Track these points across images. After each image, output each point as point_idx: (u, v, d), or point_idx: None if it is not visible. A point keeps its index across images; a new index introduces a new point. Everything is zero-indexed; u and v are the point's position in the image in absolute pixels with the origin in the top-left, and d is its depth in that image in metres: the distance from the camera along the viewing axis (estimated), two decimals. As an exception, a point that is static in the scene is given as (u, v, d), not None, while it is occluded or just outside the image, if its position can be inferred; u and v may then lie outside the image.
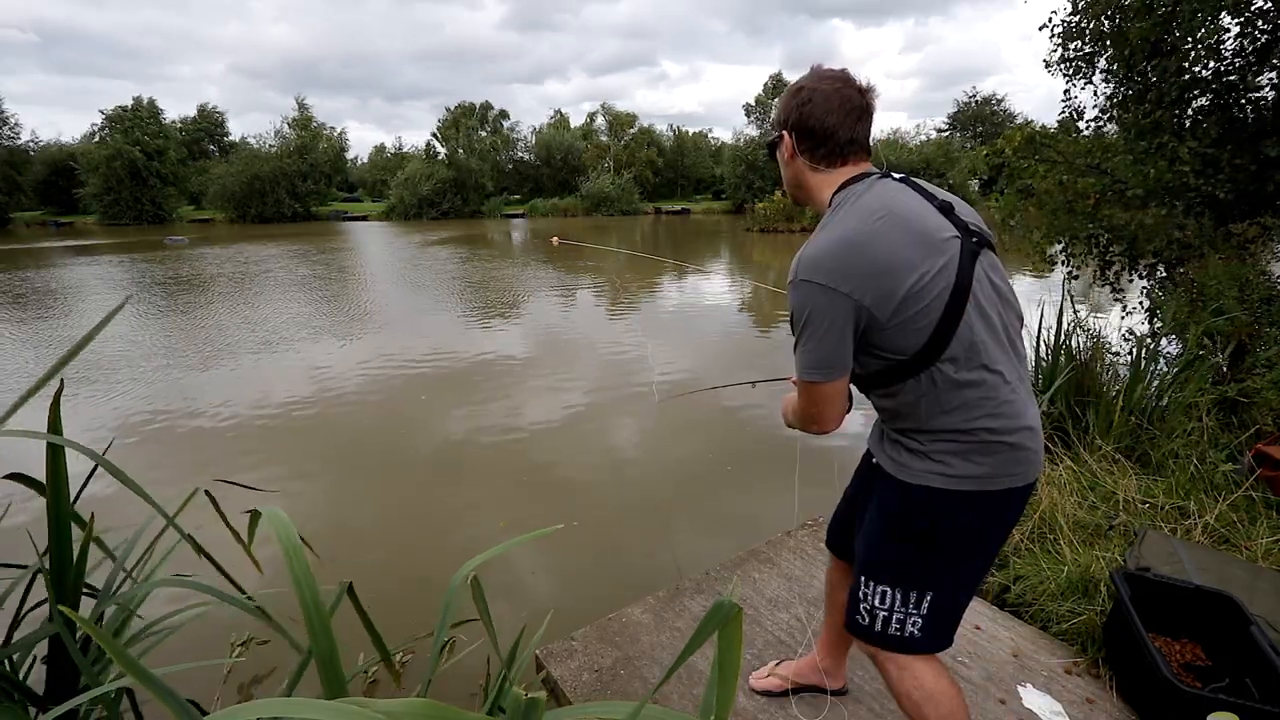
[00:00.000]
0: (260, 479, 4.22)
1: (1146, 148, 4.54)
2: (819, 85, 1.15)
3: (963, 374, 1.10)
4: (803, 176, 1.22)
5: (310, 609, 0.83)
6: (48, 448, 1.08)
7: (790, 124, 1.19)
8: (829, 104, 1.14)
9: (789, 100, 1.19)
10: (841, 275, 1.05)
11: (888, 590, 1.23)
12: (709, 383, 6.22)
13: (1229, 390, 3.29)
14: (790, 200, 1.36)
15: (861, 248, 1.06)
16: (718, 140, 54.53)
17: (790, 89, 1.20)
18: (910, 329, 1.07)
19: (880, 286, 1.05)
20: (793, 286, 1.10)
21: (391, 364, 7.06)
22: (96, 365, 7.07)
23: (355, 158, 61.95)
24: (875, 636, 1.27)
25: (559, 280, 13.86)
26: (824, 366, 1.10)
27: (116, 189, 39.06)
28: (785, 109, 1.19)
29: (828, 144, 1.16)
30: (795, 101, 1.17)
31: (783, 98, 1.21)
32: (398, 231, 31.19)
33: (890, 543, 1.23)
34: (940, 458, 1.14)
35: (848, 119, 1.15)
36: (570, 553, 3.37)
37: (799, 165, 1.21)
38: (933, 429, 1.14)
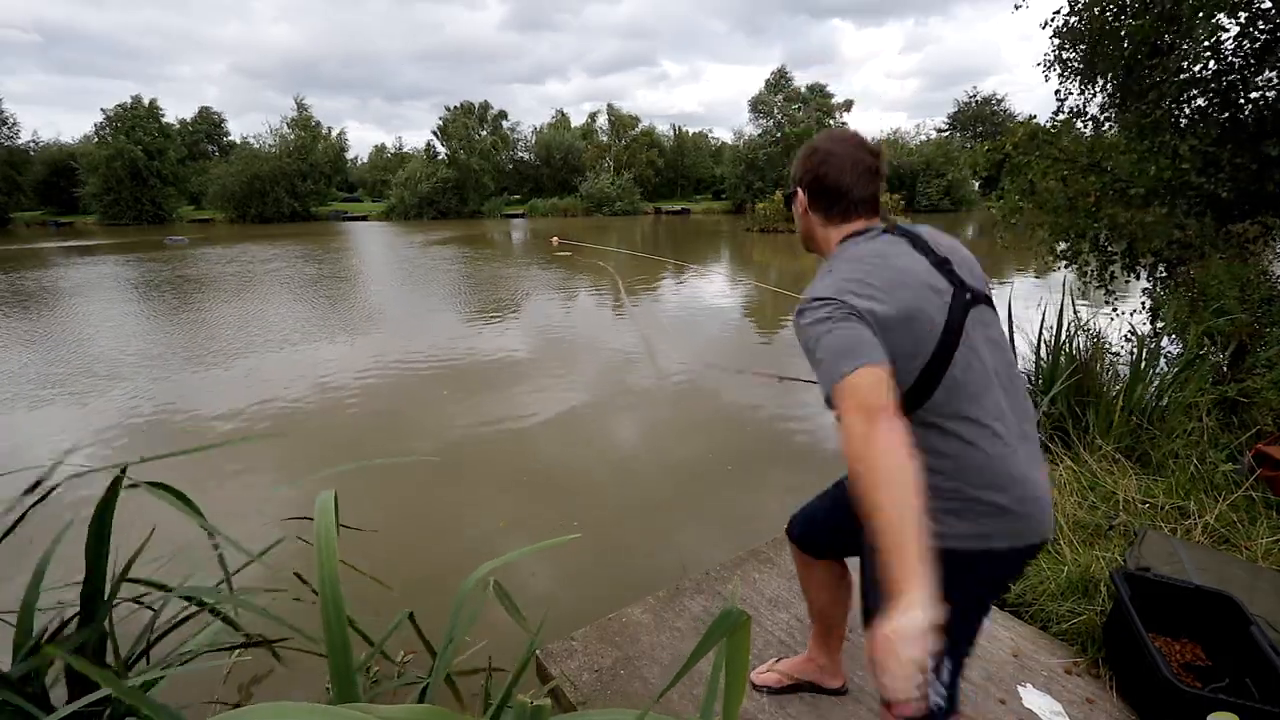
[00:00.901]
0: (260, 479, 4.22)
1: (1149, 146, 4.54)
2: (834, 148, 1.21)
3: (951, 424, 1.08)
4: (814, 230, 1.28)
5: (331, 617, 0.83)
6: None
7: (805, 182, 1.25)
8: (843, 165, 1.20)
9: (806, 160, 1.25)
10: (852, 293, 1.06)
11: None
12: (709, 379, 6.24)
13: (1229, 390, 3.29)
14: (806, 250, 1.35)
15: (858, 282, 1.08)
16: (718, 140, 54.59)
17: (807, 149, 1.26)
18: (901, 368, 1.04)
19: (880, 305, 1.05)
20: (798, 319, 1.08)
21: (392, 363, 7.06)
22: (97, 366, 7.08)
23: (355, 158, 62.01)
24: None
25: (559, 280, 13.86)
26: (847, 355, 0.99)
27: (116, 189, 39.07)
28: (802, 168, 1.26)
29: (841, 202, 1.22)
30: (812, 162, 1.23)
31: (800, 157, 1.27)
32: (398, 231, 31.20)
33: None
34: (936, 516, 1.06)
35: (860, 180, 1.20)
36: (570, 552, 3.37)
37: (811, 220, 1.27)
38: (935, 485, 1.07)
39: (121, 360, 7.33)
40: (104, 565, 1.18)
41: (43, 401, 5.96)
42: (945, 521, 1.08)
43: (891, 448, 0.91)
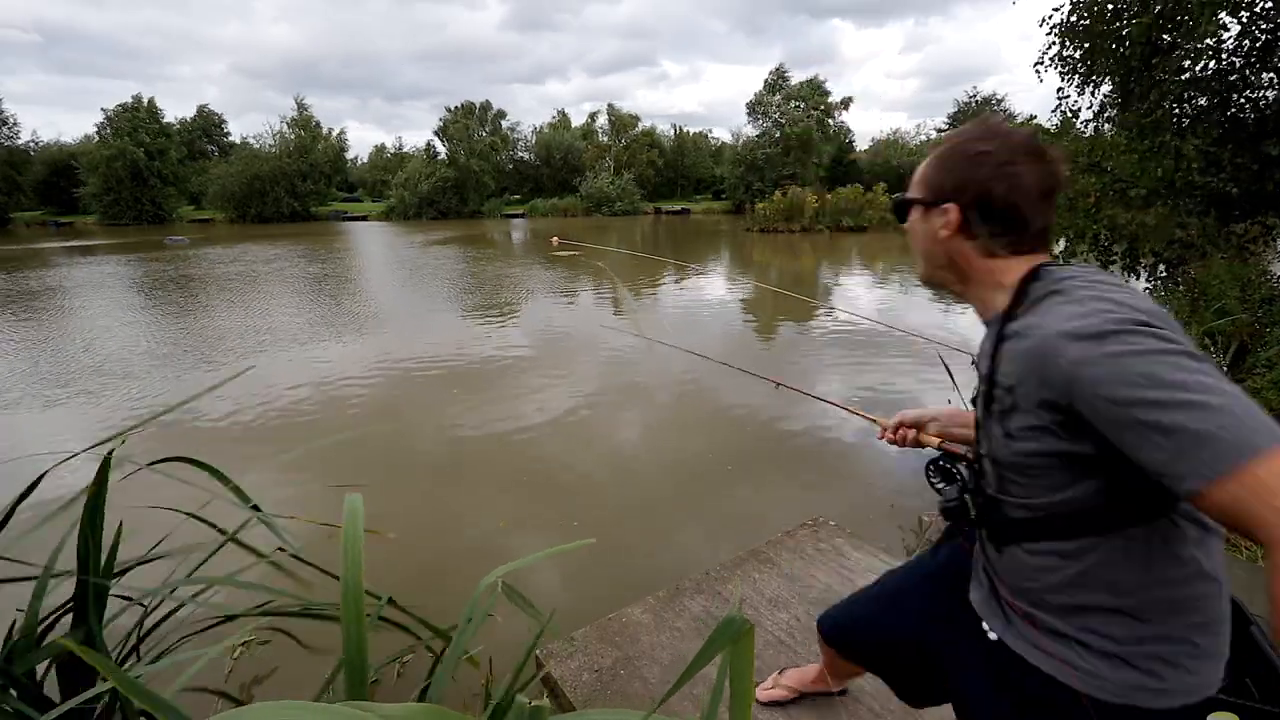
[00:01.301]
0: (260, 478, 4.22)
1: (1149, 146, 4.55)
2: (1014, 159, 0.88)
3: (1194, 531, 0.80)
4: (966, 259, 0.94)
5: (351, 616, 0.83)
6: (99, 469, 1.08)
7: (968, 200, 0.91)
8: (1027, 183, 0.88)
9: (967, 167, 0.91)
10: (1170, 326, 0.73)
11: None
12: (710, 382, 6.24)
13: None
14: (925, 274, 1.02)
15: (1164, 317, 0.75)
16: (718, 140, 54.67)
17: (968, 150, 0.92)
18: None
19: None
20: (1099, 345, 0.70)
21: (392, 364, 7.07)
22: (108, 365, 7.08)
23: (355, 158, 62.10)
24: None
25: (559, 280, 13.86)
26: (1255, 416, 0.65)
27: (116, 189, 39.12)
28: (960, 176, 0.92)
29: (1017, 231, 0.90)
30: (980, 173, 0.90)
31: (954, 159, 0.93)
32: (398, 231, 31.21)
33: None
34: (1149, 665, 0.83)
35: (1044, 203, 0.90)
36: (570, 552, 3.37)
37: (961, 246, 0.94)
38: (1146, 619, 0.81)
39: (131, 360, 7.34)
40: (98, 558, 1.18)
41: (55, 401, 5.97)
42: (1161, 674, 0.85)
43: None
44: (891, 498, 3.78)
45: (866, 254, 18.86)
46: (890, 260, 16.94)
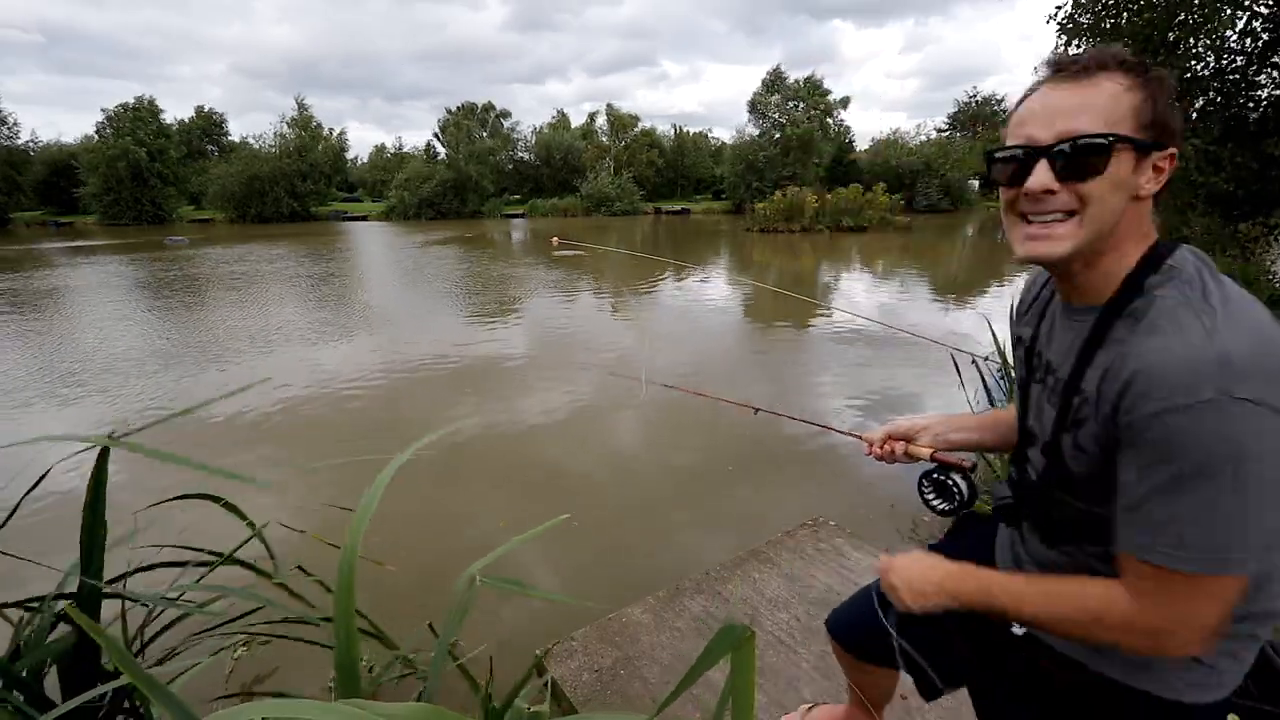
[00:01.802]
0: (260, 477, 4.21)
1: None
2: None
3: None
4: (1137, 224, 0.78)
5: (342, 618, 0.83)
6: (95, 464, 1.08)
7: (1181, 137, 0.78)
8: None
9: (1171, 102, 0.75)
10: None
11: None
12: (708, 385, 6.24)
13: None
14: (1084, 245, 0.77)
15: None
16: (718, 140, 54.66)
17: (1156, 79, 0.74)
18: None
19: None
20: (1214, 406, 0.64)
21: (392, 363, 7.06)
22: (119, 364, 7.08)
23: (355, 158, 62.11)
24: None
25: (559, 280, 13.86)
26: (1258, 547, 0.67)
27: (116, 189, 39.12)
28: (1181, 122, 0.77)
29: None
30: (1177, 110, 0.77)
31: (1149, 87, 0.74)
32: (398, 232, 31.21)
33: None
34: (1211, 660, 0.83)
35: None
36: (570, 552, 3.37)
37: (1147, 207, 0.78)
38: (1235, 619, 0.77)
39: (143, 360, 7.34)
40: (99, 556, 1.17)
41: (68, 401, 5.99)
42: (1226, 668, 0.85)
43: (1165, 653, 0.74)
44: (891, 498, 3.78)
45: (866, 254, 18.86)
46: (890, 260, 16.95)
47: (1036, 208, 0.78)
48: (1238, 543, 0.66)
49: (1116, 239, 0.77)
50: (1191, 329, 0.68)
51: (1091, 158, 0.73)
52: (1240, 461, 0.64)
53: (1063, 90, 0.75)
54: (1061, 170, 0.75)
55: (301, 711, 0.56)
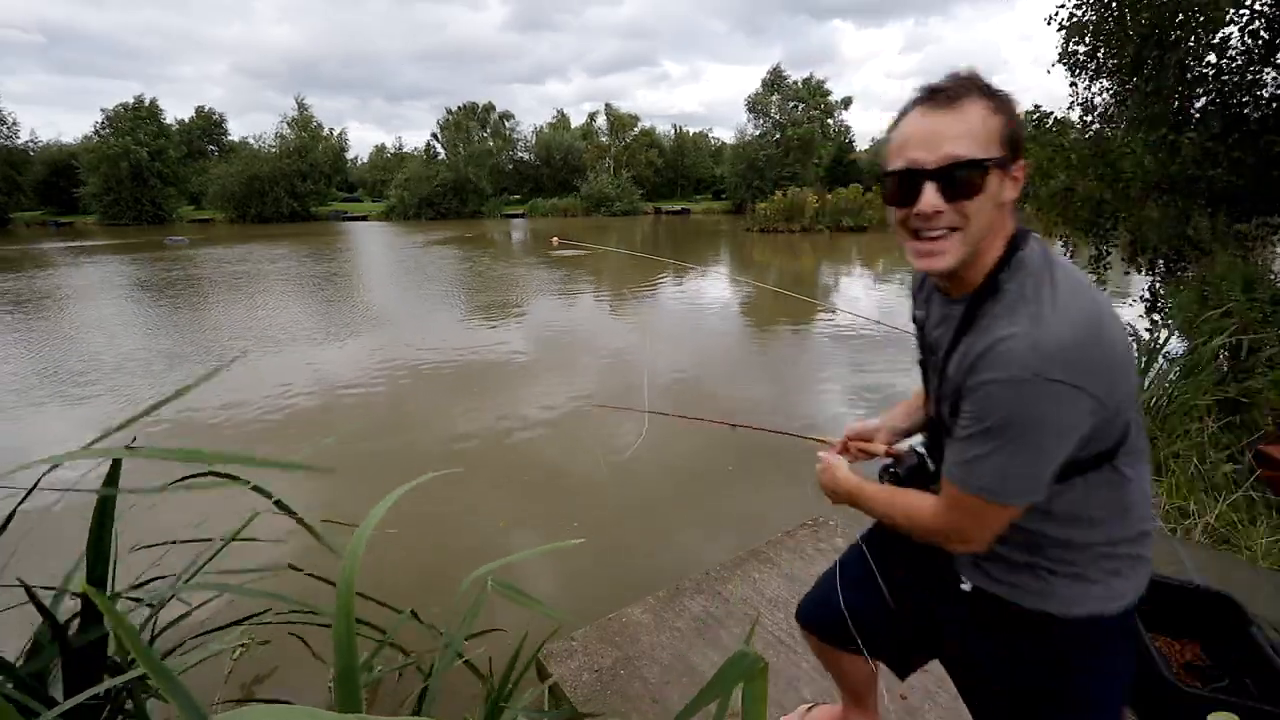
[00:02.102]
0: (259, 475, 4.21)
1: (1145, 139, 4.54)
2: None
3: (1131, 467, 0.91)
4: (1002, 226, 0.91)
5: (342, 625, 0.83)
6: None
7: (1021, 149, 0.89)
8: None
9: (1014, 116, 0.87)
10: (1098, 372, 0.81)
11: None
12: (708, 386, 6.24)
13: (1230, 390, 3.29)
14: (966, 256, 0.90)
15: (1105, 330, 0.83)
16: (718, 140, 54.63)
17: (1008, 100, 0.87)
18: (1117, 422, 0.87)
19: (1126, 386, 0.86)
20: (1023, 385, 0.80)
21: (393, 363, 7.06)
22: (128, 364, 7.08)
23: (355, 158, 62.10)
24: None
25: (559, 280, 13.86)
26: (1024, 490, 0.86)
27: (116, 189, 39.10)
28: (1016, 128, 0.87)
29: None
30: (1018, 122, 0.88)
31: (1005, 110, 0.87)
32: (398, 232, 31.21)
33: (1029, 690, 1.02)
34: (1102, 578, 0.94)
35: None
36: (570, 552, 3.37)
37: (1009, 211, 0.91)
38: (1092, 543, 0.93)
39: (149, 359, 7.35)
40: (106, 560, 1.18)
41: (76, 400, 6.00)
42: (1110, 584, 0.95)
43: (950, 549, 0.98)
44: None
45: (867, 254, 18.85)
46: (890, 260, 16.94)
47: (926, 225, 0.90)
48: (1013, 485, 0.86)
49: (985, 243, 0.90)
50: (1022, 320, 0.83)
51: (973, 178, 0.85)
52: (1035, 426, 0.82)
53: (937, 116, 0.86)
54: (946, 191, 0.86)
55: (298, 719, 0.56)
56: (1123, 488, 0.92)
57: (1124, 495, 0.92)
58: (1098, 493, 0.91)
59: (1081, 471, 0.89)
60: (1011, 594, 0.99)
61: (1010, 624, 1.00)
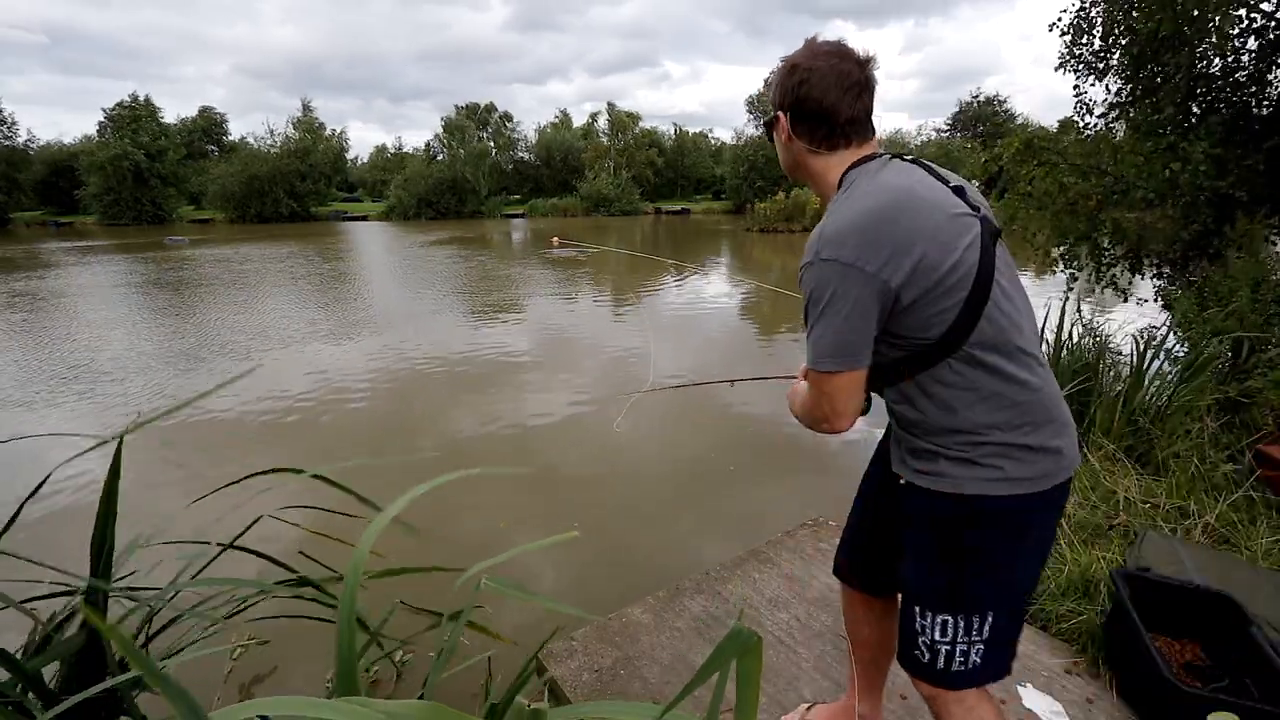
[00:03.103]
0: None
1: (1154, 147, 4.53)
2: (814, 63, 1.07)
3: (995, 359, 1.03)
4: (802, 159, 1.15)
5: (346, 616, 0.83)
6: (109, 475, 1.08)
7: (786, 105, 1.11)
8: (825, 82, 1.06)
9: (784, 80, 1.10)
10: (871, 250, 0.97)
11: (948, 619, 1.13)
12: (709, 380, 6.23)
13: (1231, 390, 3.28)
14: (789, 178, 1.24)
15: (889, 221, 0.98)
16: (718, 140, 54.63)
17: (785, 67, 1.11)
18: (937, 309, 0.99)
19: (909, 262, 0.97)
20: (810, 267, 1.01)
21: (395, 363, 7.06)
22: (135, 366, 7.08)
23: (355, 158, 62.08)
24: (938, 675, 1.17)
25: (559, 280, 13.86)
26: (843, 354, 1.01)
27: (117, 189, 39.10)
28: (781, 89, 1.11)
29: (826, 125, 1.09)
30: (791, 81, 1.09)
31: (778, 76, 1.12)
32: (398, 232, 31.21)
33: (944, 564, 1.12)
34: (991, 462, 1.04)
35: (846, 96, 1.07)
36: (571, 552, 3.37)
37: (798, 148, 1.14)
38: (976, 430, 1.04)
39: (171, 358, 7.35)
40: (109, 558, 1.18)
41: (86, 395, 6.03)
42: (1001, 467, 1.04)
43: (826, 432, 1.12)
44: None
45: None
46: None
47: None
48: (827, 353, 1.02)
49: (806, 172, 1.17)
50: (823, 220, 1.06)
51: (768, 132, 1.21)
52: (825, 299, 1.00)
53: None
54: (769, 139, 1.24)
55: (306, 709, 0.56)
56: (985, 377, 1.03)
57: (989, 383, 1.03)
58: (960, 379, 1.04)
59: (941, 357, 1.03)
60: (920, 479, 1.12)
61: (925, 510, 1.14)
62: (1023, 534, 1.10)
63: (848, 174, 1.10)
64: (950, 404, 1.05)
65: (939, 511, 1.11)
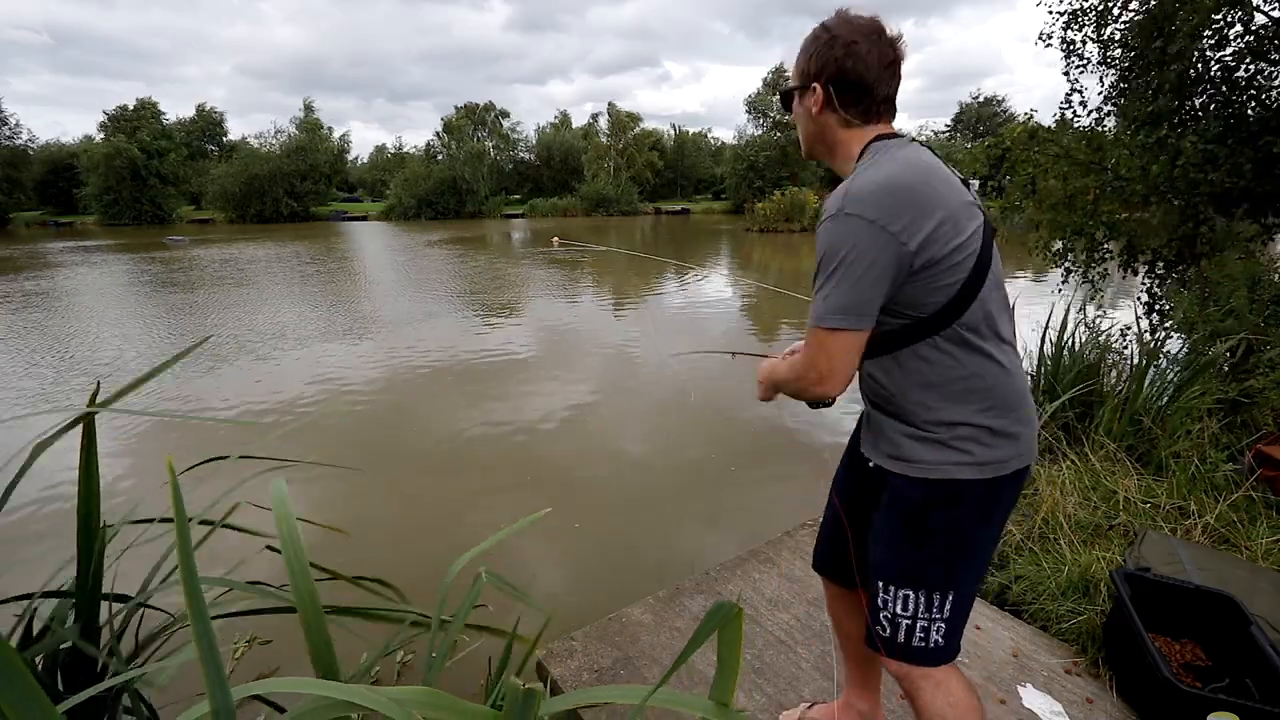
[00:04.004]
0: (264, 477, 4.22)
1: (1145, 140, 4.52)
2: (857, 38, 1.08)
3: (978, 340, 1.07)
4: (831, 131, 1.15)
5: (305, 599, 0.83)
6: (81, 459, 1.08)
7: (826, 76, 1.10)
8: (870, 58, 1.08)
9: (824, 50, 1.09)
10: (895, 212, 0.99)
11: (910, 594, 1.17)
12: (709, 385, 6.24)
13: (1231, 391, 3.28)
14: (806, 151, 1.22)
15: (913, 188, 1.01)
16: (718, 140, 54.65)
17: (822, 38, 1.10)
18: (938, 284, 1.02)
19: (928, 228, 1.00)
20: (832, 220, 1.02)
21: (397, 362, 7.06)
22: (114, 364, 7.09)
23: (355, 158, 62.06)
24: (898, 649, 1.20)
25: (560, 280, 13.86)
26: (855, 312, 1.02)
27: (116, 189, 39.10)
28: (820, 59, 1.10)
29: (865, 100, 1.11)
30: (833, 53, 1.09)
31: (815, 46, 1.11)
32: (398, 231, 31.20)
33: (909, 544, 1.16)
34: (962, 445, 1.08)
35: (884, 74, 1.10)
36: (572, 552, 3.37)
37: (828, 119, 1.14)
38: (950, 413, 1.08)
39: (133, 357, 7.35)
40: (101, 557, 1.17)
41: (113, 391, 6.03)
42: (972, 451, 1.08)
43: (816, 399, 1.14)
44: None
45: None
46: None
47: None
48: (837, 308, 1.02)
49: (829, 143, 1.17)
50: (846, 182, 1.06)
51: (785, 102, 1.23)
52: (843, 254, 1.00)
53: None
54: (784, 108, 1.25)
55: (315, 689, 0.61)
56: (968, 355, 1.07)
57: (970, 362, 1.07)
58: (944, 358, 1.06)
59: (929, 333, 1.06)
60: (891, 464, 1.15)
61: (894, 492, 1.17)
62: (988, 517, 1.14)
63: (871, 145, 1.11)
64: (929, 380, 1.08)
65: (907, 494, 1.14)
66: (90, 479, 1.14)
